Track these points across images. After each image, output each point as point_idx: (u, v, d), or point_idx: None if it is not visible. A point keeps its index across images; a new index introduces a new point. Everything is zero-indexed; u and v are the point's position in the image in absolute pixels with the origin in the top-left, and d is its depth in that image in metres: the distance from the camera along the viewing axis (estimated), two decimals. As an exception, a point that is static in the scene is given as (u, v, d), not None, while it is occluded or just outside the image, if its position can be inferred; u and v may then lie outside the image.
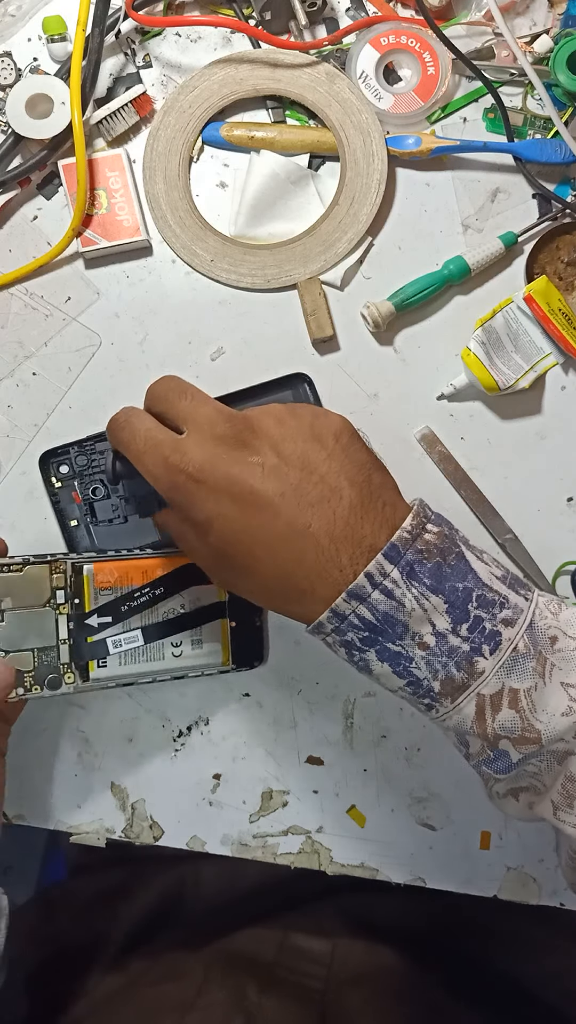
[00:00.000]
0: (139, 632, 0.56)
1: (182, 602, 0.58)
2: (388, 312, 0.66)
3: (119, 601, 0.56)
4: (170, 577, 0.58)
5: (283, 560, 0.46)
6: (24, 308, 0.67)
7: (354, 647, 0.46)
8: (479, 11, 0.67)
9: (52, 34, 0.65)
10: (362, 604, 0.45)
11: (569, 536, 0.68)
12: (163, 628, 0.57)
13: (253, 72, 0.67)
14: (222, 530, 0.47)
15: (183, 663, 0.57)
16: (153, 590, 0.57)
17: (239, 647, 0.60)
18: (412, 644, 0.45)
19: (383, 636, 0.45)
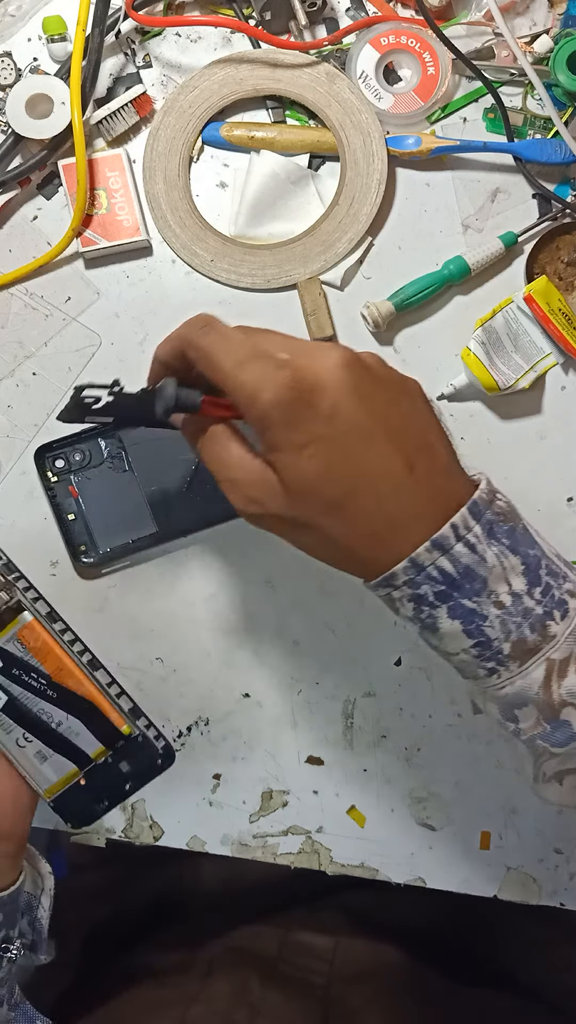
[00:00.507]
0: (4, 697, 0.50)
1: (61, 722, 0.51)
2: (388, 312, 0.66)
3: (14, 661, 0.50)
4: (72, 696, 0.51)
5: (382, 496, 0.44)
6: (24, 308, 0.67)
7: (425, 602, 0.45)
8: (479, 11, 0.67)
9: (52, 34, 0.65)
10: (444, 555, 0.44)
11: (569, 536, 0.68)
12: (26, 718, 0.50)
13: (253, 72, 0.67)
14: (329, 454, 0.44)
15: (17, 754, 0.51)
16: (49, 688, 0.50)
17: (68, 801, 0.51)
18: (487, 602, 0.44)
19: (459, 591, 0.44)
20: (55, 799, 0.51)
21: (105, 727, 0.50)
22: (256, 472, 0.46)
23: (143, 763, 0.51)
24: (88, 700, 0.50)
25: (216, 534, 0.67)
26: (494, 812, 0.66)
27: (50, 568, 0.67)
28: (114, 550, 0.66)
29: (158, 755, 0.51)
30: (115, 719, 0.50)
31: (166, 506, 0.66)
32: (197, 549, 0.67)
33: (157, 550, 0.66)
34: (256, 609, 0.67)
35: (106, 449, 0.66)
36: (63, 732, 0.50)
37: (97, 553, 0.66)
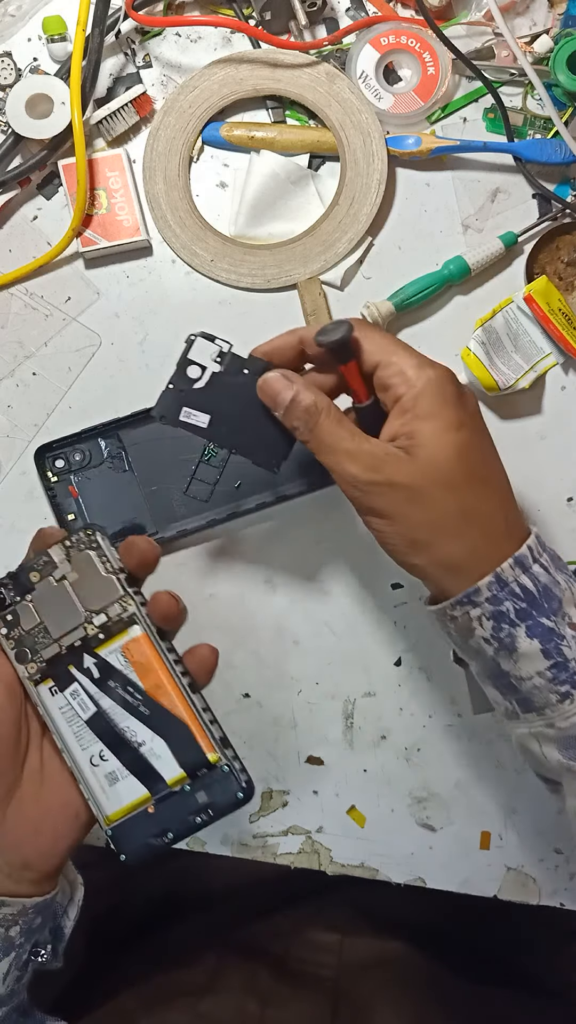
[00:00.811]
0: (93, 708, 0.48)
1: (145, 742, 0.48)
2: (388, 312, 0.66)
3: (112, 673, 0.48)
4: (165, 715, 0.48)
5: (499, 498, 0.49)
6: (24, 308, 0.67)
7: (506, 619, 0.46)
8: (479, 11, 0.67)
9: (52, 34, 0.65)
10: (525, 573, 0.46)
11: (569, 536, 0.68)
12: (109, 733, 0.48)
13: (253, 72, 0.67)
14: (473, 440, 0.48)
15: (88, 773, 0.48)
16: (144, 704, 0.48)
17: (129, 830, 0.48)
18: (563, 623, 0.46)
19: (538, 610, 0.46)
20: (115, 827, 0.48)
21: (192, 752, 0.47)
22: (376, 444, 0.49)
23: (222, 796, 0.48)
24: (181, 721, 0.48)
25: (216, 534, 0.67)
26: (494, 812, 0.66)
27: (50, 568, 0.66)
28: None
29: (240, 788, 0.48)
30: (204, 745, 0.48)
31: (166, 506, 0.66)
32: (197, 549, 0.67)
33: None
34: (256, 609, 0.67)
35: (106, 449, 0.66)
36: (144, 753, 0.48)
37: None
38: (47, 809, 0.48)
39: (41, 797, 0.48)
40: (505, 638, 0.46)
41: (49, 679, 0.49)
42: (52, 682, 0.48)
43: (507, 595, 0.46)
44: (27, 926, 0.47)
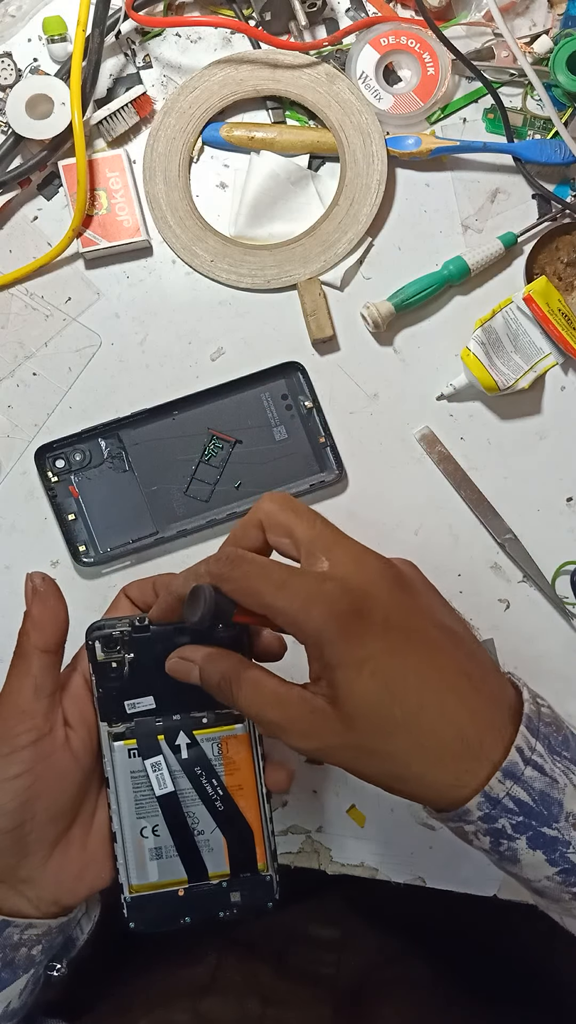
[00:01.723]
0: (171, 787, 0.47)
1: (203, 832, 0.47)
2: (388, 312, 0.66)
3: (203, 762, 0.47)
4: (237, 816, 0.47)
5: (449, 708, 0.41)
6: (24, 308, 0.67)
7: (503, 835, 0.42)
8: (479, 11, 0.67)
9: (52, 34, 0.65)
10: (516, 783, 0.41)
11: (569, 536, 0.68)
12: (174, 815, 0.47)
13: (253, 73, 0.67)
14: (390, 667, 0.41)
15: (130, 842, 0.47)
16: (221, 801, 0.47)
17: (150, 904, 0.47)
18: (568, 826, 0.42)
19: (537, 820, 0.41)
20: (136, 897, 0.47)
21: (245, 856, 0.47)
22: (303, 703, 0.42)
23: (254, 900, 0.47)
24: (249, 827, 0.47)
25: (216, 534, 0.67)
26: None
27: (50, 568, 0.67)
28: (114, 550, 0.66)
29: (272, 899, 0.48)
30: (259, 853, 0.47)
31: (166, 506, 0.66)
32: (197, 549, 0.67)
33: (157, 550, 0.66)
34: (256, 609, 0.67)
35: (106, 449, 0.66)
36: (199, 842, 0.47)
37: (97, 553, 0.66)
38: (92, 856, 0.47)
39: (88, 844, 0.47)
40: (505, 852, 0.43)
41: (133, 740, 0.47)
42: (135, 744, 0.47)
43: (500, 812, 0.41)
44: (49, 944, 0.47)
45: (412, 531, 0.67)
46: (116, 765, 0.47)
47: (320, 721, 0.41)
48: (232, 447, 0.67)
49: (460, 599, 0.67)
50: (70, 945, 0.50)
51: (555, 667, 0.67)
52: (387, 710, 0.41)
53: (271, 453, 0.67)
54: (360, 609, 0.41)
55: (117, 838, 0.47)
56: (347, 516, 0.67)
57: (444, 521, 0.67)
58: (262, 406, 0.67)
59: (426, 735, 0.41)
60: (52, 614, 0.46)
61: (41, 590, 0.46)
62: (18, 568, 0.67)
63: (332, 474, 0.66)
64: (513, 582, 0.67)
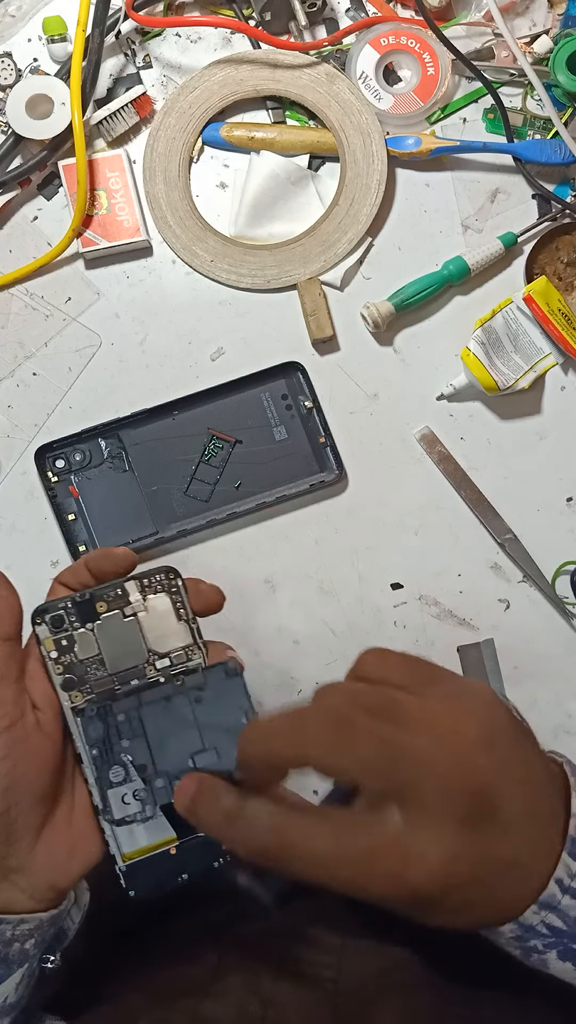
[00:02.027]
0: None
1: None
2: (388, 312, 0.66)
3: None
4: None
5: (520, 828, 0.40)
6: (24, 308, 0.67)
7: (533, 950, 0.43)
8: (479, 11, 0.67)
9: (52, 34, 0.65)
10: (552, 912, 0.41)
11: (569, 536, 0.68)
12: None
13: (253, 73, 0.67)
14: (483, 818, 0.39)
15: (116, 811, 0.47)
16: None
17: (145, 869, 0.47)
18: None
19: (569, 938, 0.42)
20: (131, 865, 0.46)
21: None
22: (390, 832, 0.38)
23: None
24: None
25: (216, 534, 0.67)
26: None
27: (50, 568, 0.67)
28: (114, 550, 0.66)
29: None
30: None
31: (166, 506, 0.66)
32: (197, 549, 0.67)
33: (157, 550, 0.66)
34: (256, 609, 0.67)
35: (106, 449, 0.66)
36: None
37: (97, 553, 0.66)
38: (79, 833, 0.47)
39: (73, 822, 0.47)
40: (535, 962, 0.43)
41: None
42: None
43: (532, 935, 0.42)
44: (41, 937, 0.47)
45: (412, 531, 0.67)
46: (85, 732, 0.47)
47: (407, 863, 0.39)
48: (232, 447, 0.67)
49: (460, 599, 0.67)
50: (62, 936, 0.51)
51: (555, 667, 0.67)
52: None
53: (271, 453, 0.67)
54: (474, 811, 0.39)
55: (101, 818, 0.47)
56: (347, 516, 0.67)
57: (444, 521, 0.67)
58: (262, 406, 0.67)
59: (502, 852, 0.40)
60: (6, 604, 0.47)
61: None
62: (18, 568, 0.66)
63: (332, 474, 0.66)
64: (513, 582, 0.67)
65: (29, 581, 0.52)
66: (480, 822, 0.39)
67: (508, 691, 0.66)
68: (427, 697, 0.40)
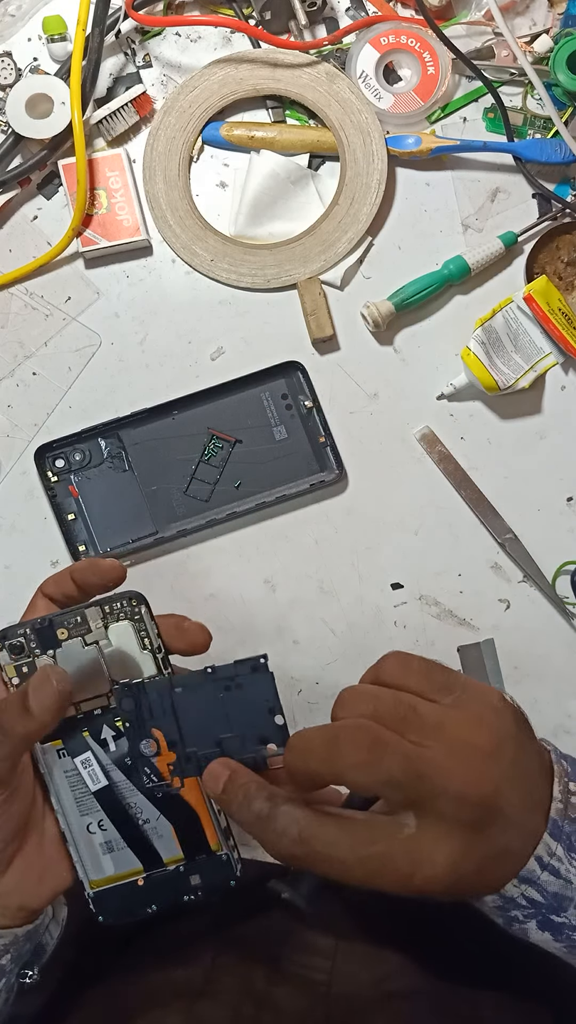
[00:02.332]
0: (104, 781, 0.47)
1: (149, 820, 0.47)
2: (388, 312, 0.66)
3: (137, 754, 0.45)
4: (179, 803, 0.47)
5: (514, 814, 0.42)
6: (24, 308, 0.67)
7: (514, 920, 0.45)
8: (479, 11, 0.67)
9: (52, 34, 0.65)
10: (531, 887, 0.43)
11: (569, 536, 0.67)
12: (115, 808, 0.47)
13: (253, 72, 0.67)
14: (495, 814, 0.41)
15: (80, 839, 0.47)
16: (159, 789, 0.46)
17: (113, 897, 0.47)
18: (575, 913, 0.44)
19: (547, 910, 0.44)
20: (99, 892, 0.47)
21: (195, 838, 0.47)
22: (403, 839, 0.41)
23: (214, 880, 0.47)
24: (193, 810, 0.47)
25: (216, 534, 0.67)
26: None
27: (50, 568, 0.67)
28: (114, 550, 0.66)
29: (233, 877, 0.48)
30: (209, 834, 0.47)
31: (166, 506, 0.66)
32: (197, 549, 0.67)
33: (157, 550, 0.66)
34: (256, 609, 0.67)
35: (106, 449, 0.66)
36: (146, 831, 0.47)
37: (97, 553, 0.66)
38: (50, 858, 0.47)
39: (44, 846, 0.47)
40: (517, 931, 0.45)
41: (59, 741, 0.47)
42: (61, 744, 0.47)
43: (512, 906, 0.44)
44: (17, 953, 0.47)
45: (412, 531, 0.67)
46: (50, 767, 0.47)
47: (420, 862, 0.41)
48: (232, 447, 0.66)
49: (460, 599, 0.67)
50: (40, 952, 0.51)
51: (555, 667, 0.67)
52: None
53: (271, 453, 0.67)
54: (482, 816, 0.41)
55: (67, 838, 0.47)
56: (347, 516, 0.67)
57: (444, 521, 0.67)
58: (262, 406, 0.67)
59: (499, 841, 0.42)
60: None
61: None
62: (18, 568, 0.67)
63: (332, 474, 0.66)
64: (513, 582, 0.67)
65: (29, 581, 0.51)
66: (485, 825, 0.41)
67: (508, 691, 0.66)
68: (443, 705, 0.42)
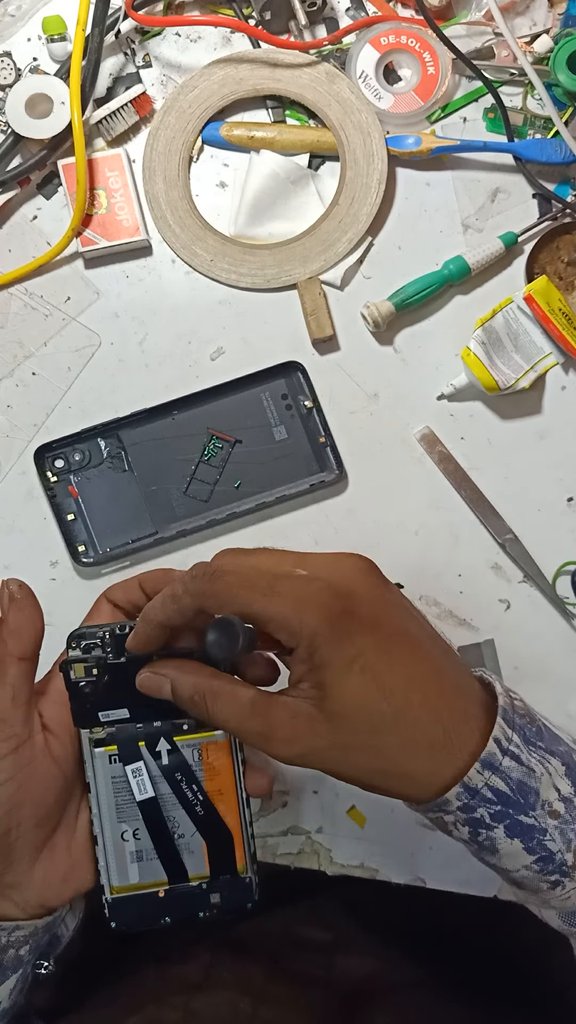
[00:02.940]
0: (151, 792, 0.47)
1: (184, 835, 0.47)
2: (388, 312, 0.66)
3: (183, 767, 0.47)
4: (217, 821, 0.47)
5: (432, 700, 0.42)
6: (24, 308, 0.67)
7: (482, 824, 0.43)
8: (479, 11, 0.67)
9: (52, 34, 0.65)
10: (495, 774, 0.42)
11: (569, 536, 0.67)
12: (154, 819, 0.47)
13: (253, 72, 0.67)
14: (379, 663, 0.41)
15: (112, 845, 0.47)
16: (201, 806, 0.47)
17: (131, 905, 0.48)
18: (543, 814, 0.43)
19: (515, 808, 0.42)
20: (117, 899, 0.47)
21: (225, 859, 0.47)
22: (284, 709, 0.42)
23: (233, 901, 0.48)
24: (228, 831, 0.47)
25: (215, 534, 0.67)
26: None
27: (50, 568, 0.67)
28: (114, 550, 0.66)
29: (251, 900, 0.48)
30: (239, 856, 0.47)
31: (166, 506, 0.66)
32: (197, 549, 0.67)
33: (157, 550, 0.66)
34: (256, 609, 0.67)
35: (106, 449, 0.66)
36: (179, 845, 0.47)
37: (97, 553, 0.66)
38: (76, 859, 0.47)
39: (72, 847, 0.47)
40: (484, 841, 0.44)
41: (113, 746, 0.47)
42: (116, 750, 0.47)
43: (479, 801, 0.42)
44: (35, 944, 0.47)
45: (412, 531, 0.67)
46: (97, 770, 0.47)
47: (304, 725, 0.42)
48: (232, 447, 0.66)
49: (460, 599, 0.67)
50: (55, 942, 0.51)
51: (555, 667, 0.67)
52: (376, 706, 0.41)
53: (271, 453, 0.67)
54: (349, 608, 0.41)
55: (98, 841, 0.47)
56: (347, 516, 0.67)
57: (444, 521, 0.67)
58: (262, 406, 0.67)
59: (412, 729, 0.42)
60: (29, 621, 0.46)
61: (18, 597, 0.46)
62: (18, 568, 0.67)
63: (332, 474, 0.66)
64: (513, 582, 0.67)
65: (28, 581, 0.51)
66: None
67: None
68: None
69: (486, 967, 0.68)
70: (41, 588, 0.53)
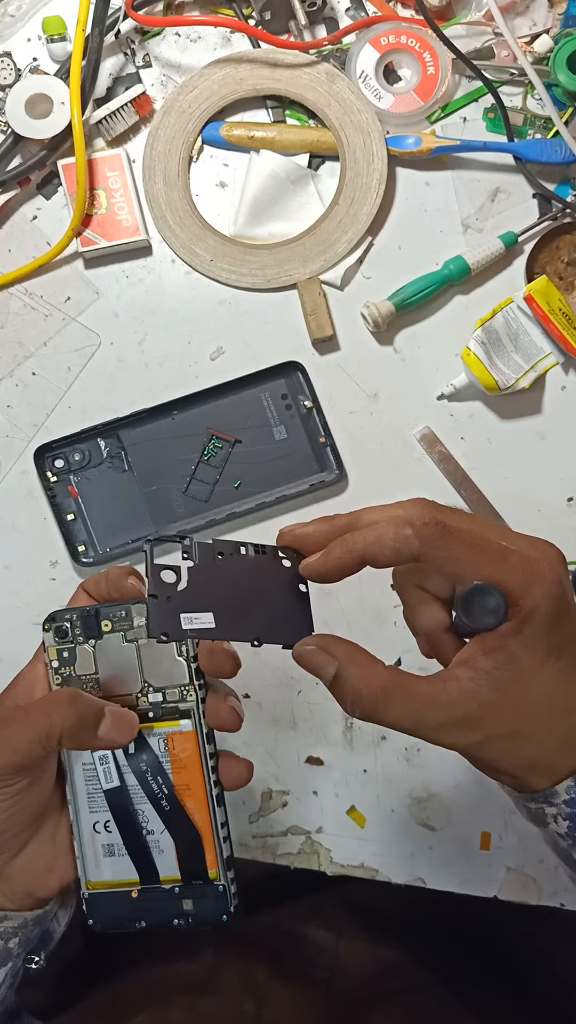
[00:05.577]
0: (117, 781, 0.46)
1: (153, 832, 0.46)
2: (388, 312, 0.66)
3: (148, 758, 0.46)
4: (182, 818, 0.46)
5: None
6: (24, 308, 0.67)
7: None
8: (479, 11, 0.67)
9: (52, 34, 0.65)
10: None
11: (570, 536, 0.67)
12: (122, 811, 0.46)
13: (253, 72, 0.67)
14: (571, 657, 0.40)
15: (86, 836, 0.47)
16: (166, 800, 0.46)
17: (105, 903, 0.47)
18: None
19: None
20: (93, 895, 0.46)
21: (195, 862, 0.45)
22: (469, 698, 0.39)
23: (207, 911, 0.46)
24: (196, 830, 0.45)
25: (216, 534, 0.67)
26: (494, 812, 0.66)
27: (50, 568, 0.67)
28: (113, 550, 0.66)
29: (226, 912, 0.46)
30: (209, 860, 0.45)
31: (165, 506, 0.66)
32: (197, 549, 0.67)
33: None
34: (256, 609, 0.67)
35: (106, 449, 0.66)
36: (148, 842, 0.46)
37: (96, 553, 0.66)
38: (61, 849, 0.47)
39: (57, 837, 0.47)
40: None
41: None
42: None
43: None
44: (25, 937, 0.47)
45: (412, 531, 0.67)
46: (73, 758, 0.47)
47: (487, 712, 0.39)
48: (232, 447, 0.66)
49: (460, 599, 0.67)
50: (47, 938, 0.51)
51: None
52: (562, 699, 0.40)
53: (271, 453, 0.67)
54: (565, 592, 0.40)
55: (73, 830, 0.47)
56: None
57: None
58: (262, 406, 0.67)
59: (570, 723, 0.41)
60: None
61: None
62: (18, 568, 0.67)
63: (332, 474, 0.66)
64: (513, 582, 0.67)
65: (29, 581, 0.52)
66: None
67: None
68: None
69: (486, 967, 0.68)
70: (41, 588, 0.53)
